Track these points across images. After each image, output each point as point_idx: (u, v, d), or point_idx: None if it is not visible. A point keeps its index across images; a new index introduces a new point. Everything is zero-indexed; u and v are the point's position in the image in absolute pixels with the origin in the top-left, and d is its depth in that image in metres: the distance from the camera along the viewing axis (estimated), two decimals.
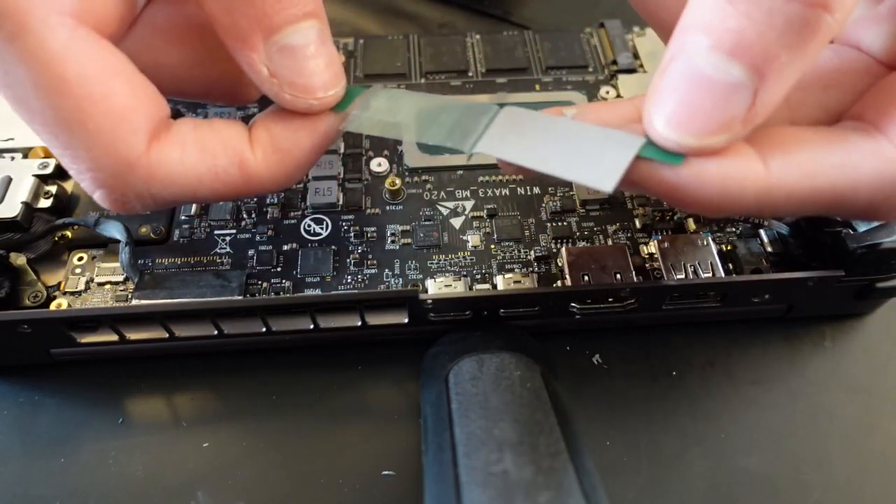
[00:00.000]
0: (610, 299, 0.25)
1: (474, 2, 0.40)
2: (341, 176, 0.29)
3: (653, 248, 0.26)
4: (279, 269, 0.26)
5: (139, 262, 0.26)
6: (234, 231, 0.27)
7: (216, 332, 0.24)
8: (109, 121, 0.18)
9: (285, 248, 0.27)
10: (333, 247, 0.27)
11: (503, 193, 0.28)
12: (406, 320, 0.25)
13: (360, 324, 0.25)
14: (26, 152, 0.28)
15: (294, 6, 0.19)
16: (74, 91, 0.17)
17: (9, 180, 0.26)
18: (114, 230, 0.25)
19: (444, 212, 0.28)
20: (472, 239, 0.27)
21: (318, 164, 0.29)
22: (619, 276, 0.25)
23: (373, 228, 0.27)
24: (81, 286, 0.25)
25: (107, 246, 0.26)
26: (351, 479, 0.23)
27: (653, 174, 0.18)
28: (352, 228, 0.27)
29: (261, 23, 0.18)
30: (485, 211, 0.28)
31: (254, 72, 0.19)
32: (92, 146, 0.18)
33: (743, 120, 0.17)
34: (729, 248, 0.26)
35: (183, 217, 0.27)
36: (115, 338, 0.24)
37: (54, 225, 0.26)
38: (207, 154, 0.19)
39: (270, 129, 0.20)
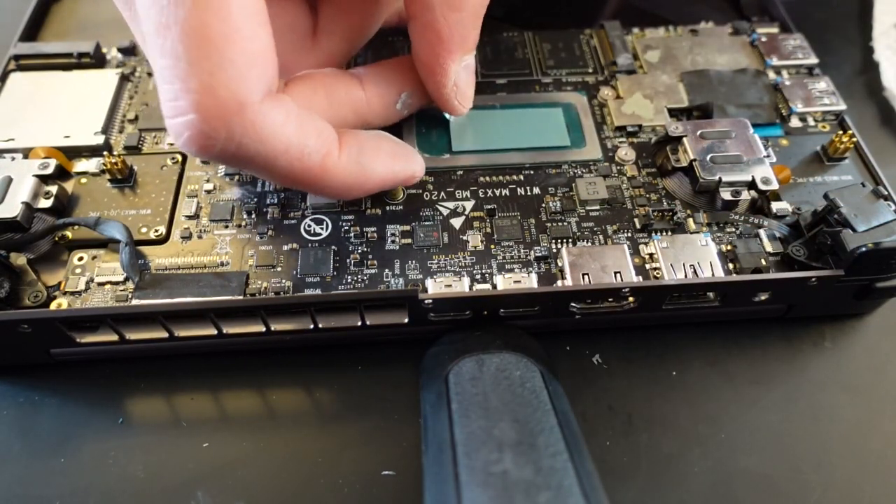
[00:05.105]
0: (610, 299, 0.25)
1: None
2: None
3: (653, 248, 0.26)
4: (279, 269, 0.26)
5: (139, 262, 0.26)
6: (234, 231, 0.27)
7: (216, 332, 0.24)
8: (245, 58, 0.19)
9: (285, 248, 0.27)
10: (333, 247, 0.27)
11: (503, 193, 0.28)
12: (406, 320, 0.25)
13: (360, 324, 0.25)
14: (26, 152, 0.28)
15: (477, 36, 0.25)
16: (232, 17, 0.18)
17: (9, 180, 0.26)
18: (114, 230, 0.25)
19: (444, 212, 0.28)
20: (472, 239, 0.27)
21: None
22: (619, 276, 0.25)
23: (373, 228, 0.27)
24: (81, 286, 0.25)
25: (107, 246, 0.26)
26: (351, 479, 0.23)
27: None
28: (352, 228, 0.27)
29: (464, 43, 0.25)
30: (485, 211, 0.28)
31: (445, 78, 0.25)
32: (218, 73, 0.19)
33: None
34: (729, 248, 0.26)
35: (183, 217, 0.27)
36: (115, 338, 0.24)
37: (54, 225, 0.26)
38: (303, 131, 0.21)
39: (362, 144, 0.24)
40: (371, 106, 0.26)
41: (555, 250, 0.26)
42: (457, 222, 0.28)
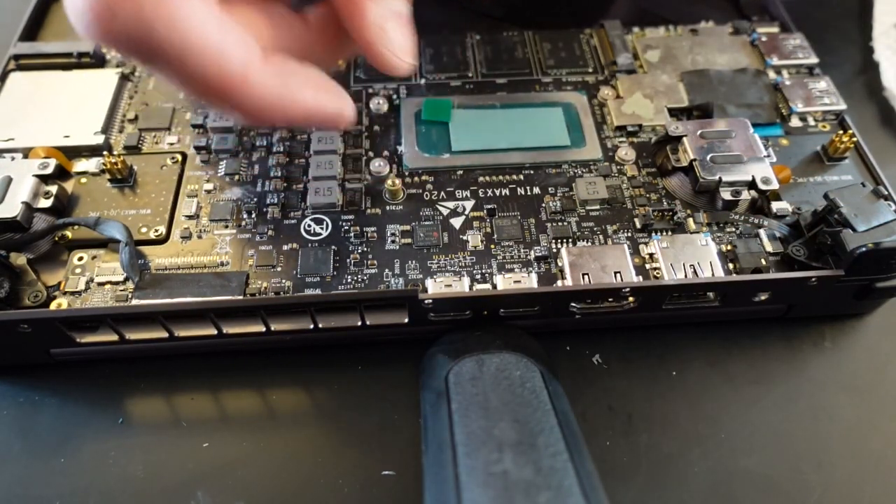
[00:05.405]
0: (610, 299, 0.25)
1: (474, 2, 0.40)
2: (341, 176, 0.29)
3: (653, 248, 0.26)
4: (279, 269, 0.26)
5: (139, 262, 0.26)
6: (234, 231, 0.27)
7: (216, 332, 0.24)
8: None
9: (285, 248, 0.27)
10: (333, 247, 0.27)
11: (503, 193, 0.28)
12: (406, 320, 0.25)
13: (360, 324, 0.25)
14: (26, 152, 0.28)
15: None
16: None
17: (9, 180, 0.26)
18: (114, 230, 0.25)
19: (444, 212, 0.28)
20: (472, 239, 0.27)
21: (317, 164, 0.29)
22: (619, 276, 0.25)
23: (373, 228, 0.27)
24: (81, 286, 0.25)
25: (107, 246, 0.26)
26: (351, 479, 0.23)
27: None
28: (352, 228, 0.27)
29: None
30: (485, 211, 0.28)
31: (364, 22, 0.22)
32: None
33: None
34: (729, 247, 0.26)
35: (183, 217, 0.27)
36: (115, 338, 0.24)
37: (54, 225, 0.26)
38: (225, 31, 0.19)
39: (289, 65, 0.21)
40: (313, 38, 0.23)
41: (555, 250, 0.26)
42: (457, 222, 0.28)
